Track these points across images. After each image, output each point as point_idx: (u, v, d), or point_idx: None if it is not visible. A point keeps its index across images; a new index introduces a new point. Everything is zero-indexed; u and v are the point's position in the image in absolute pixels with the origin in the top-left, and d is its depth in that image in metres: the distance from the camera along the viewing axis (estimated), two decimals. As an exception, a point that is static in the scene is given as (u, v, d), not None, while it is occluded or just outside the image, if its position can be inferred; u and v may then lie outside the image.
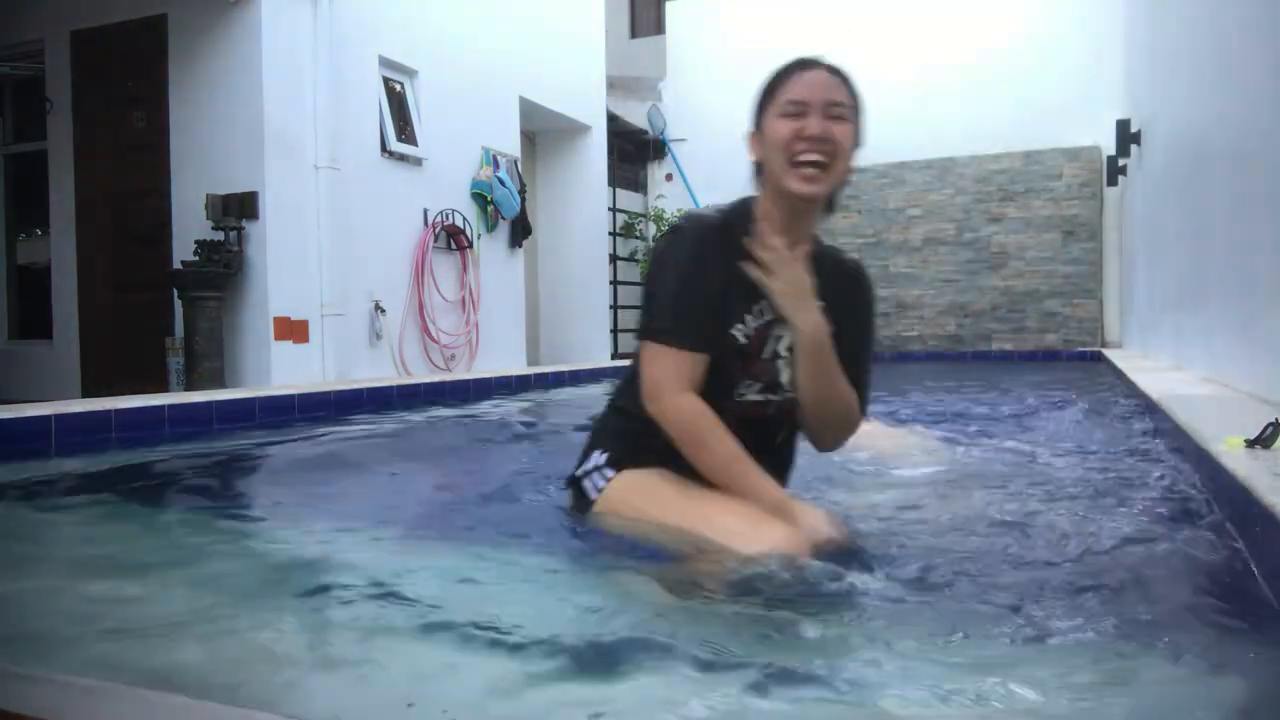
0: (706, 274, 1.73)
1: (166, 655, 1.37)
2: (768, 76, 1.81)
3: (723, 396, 1.74)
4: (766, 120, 1.76)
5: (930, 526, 2.15)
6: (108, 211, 6.43)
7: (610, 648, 1.32)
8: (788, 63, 1.80)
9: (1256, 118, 3.59)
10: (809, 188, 1.70)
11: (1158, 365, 6.36)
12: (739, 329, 1.77)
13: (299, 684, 1.28)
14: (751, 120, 1.80)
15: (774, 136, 1.72)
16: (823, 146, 1.69)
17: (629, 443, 1.85)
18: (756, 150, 1.79)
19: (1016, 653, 1.34)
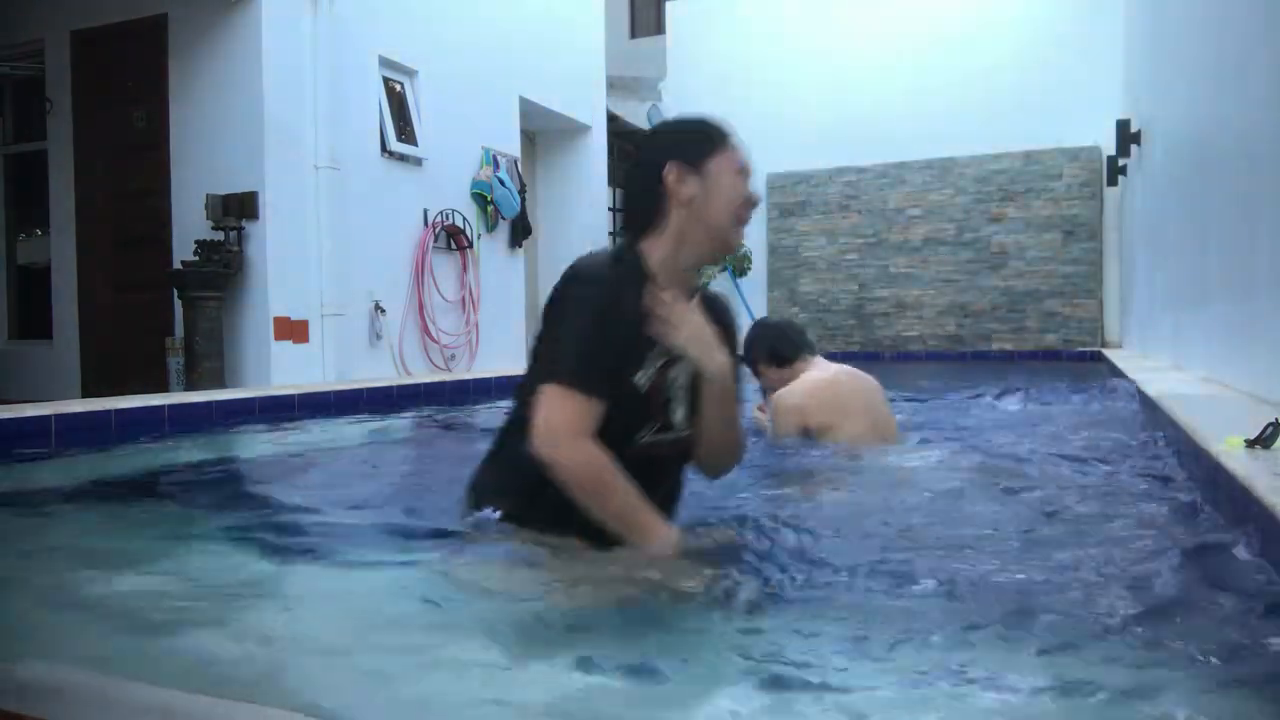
0: (611, 321, 1.66)
1: (165, 655, 1.37)
2: (700, 124, 1.79)
3: (623, 442, 1.69)
4: (717, 169, 1.75)
5: (926, 526, 2.15)
6: (108, 211, 6.43)
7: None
8: (719, 122, 1.81)
9: (1256, 118, 3.59)
10: (740, 244, 1.84)
11: (1158, 365, 6.36)
12: (641, 375, 1.73)
13: (298, 680, 1.28)
14: (682, 156, 1.74)
15: (730, 191, 1.76)
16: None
17: (524, 499, 1.73)
18: (689, 189, 1.72)
19: (1012, 652, 1.34)
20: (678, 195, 1.72)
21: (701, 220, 1.74)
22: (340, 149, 6.52)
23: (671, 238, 1.75)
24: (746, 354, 3.41)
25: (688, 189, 1.72)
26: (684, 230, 1.74)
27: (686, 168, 1.73)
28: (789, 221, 12.15)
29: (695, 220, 1.74)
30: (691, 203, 1.72)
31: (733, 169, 1.77)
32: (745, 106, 12.24)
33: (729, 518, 2.10)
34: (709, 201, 1.73)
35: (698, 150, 1.75)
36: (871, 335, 11.73)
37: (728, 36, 12.54)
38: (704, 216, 1.74)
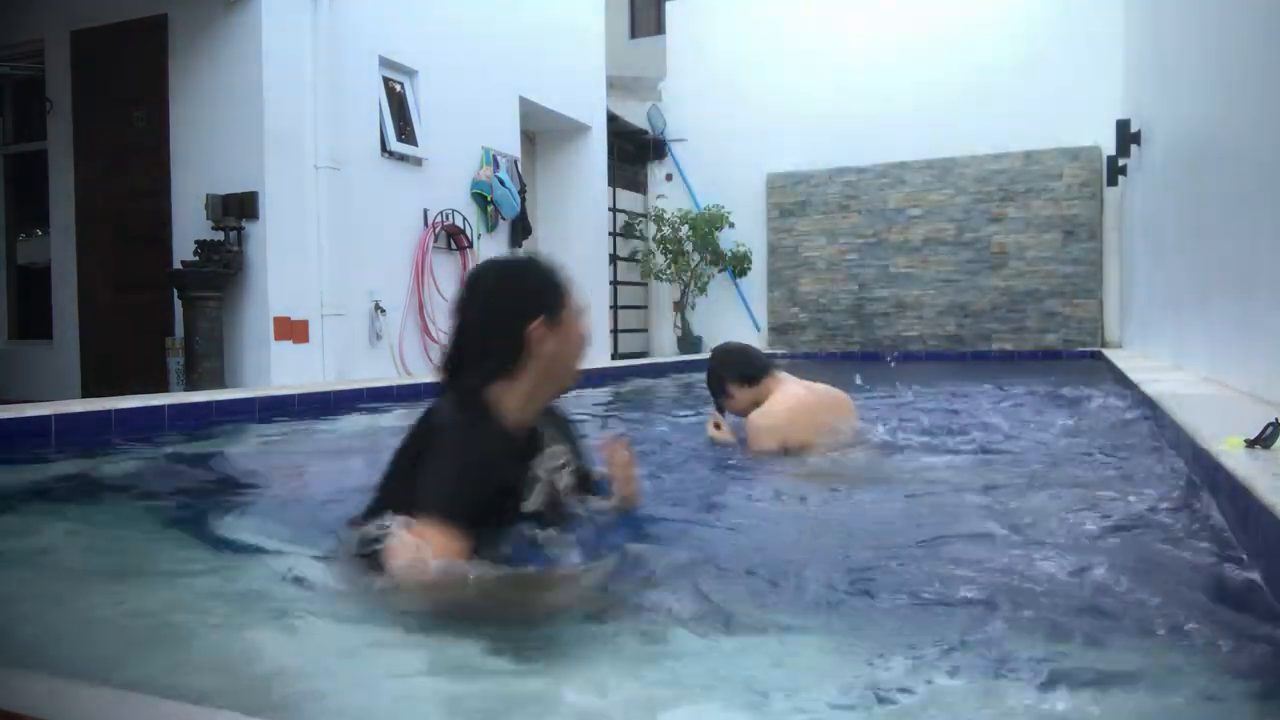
0: (477, 480, 1.66)
1: (165, 655, 1.37)
2: (548, 273, 1.82)
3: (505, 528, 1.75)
4: (569, 318, 1.79)
5: (925, 526, 2.15)
6: (108, 211, 6.43)
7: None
8: (556, 266, 1.85)
9: (1256, 118, 3.59)
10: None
11: (1158, 365, 6.36)
12: (529, 503, 1.76)
13: (297, 689, 1.27)
14: (543, 311, 1.74)
15: (579, 337, 1.82)
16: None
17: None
18: (552, 342, 1.75)
19: (1009, 652, 1.34)
20: (539, 351, 1.73)
21: (557, 368, 1.78)
22: (340, 149, 6.52)
23: (526, 387, 1.76)
24: (712, 381, 3.51)
25: (550, 345, 1.74)
26: (538, 379, 1.76)
27: (548, 323, 1.74)
28: (789, 221, 12.15)
29: (551, 369, 1.77)
30: (551, 356, 1.75)
31: (578, 314, 1.82)
32: (745, 106, 12.27)
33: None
34: (565, 351, 1.78)
35: (554, 303, 1.77)
36: (871, 335, 11.73)
37: (728, 36, 12.53)
38: (560, 365, 1.78)
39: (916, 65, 11.40)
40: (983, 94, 11.04)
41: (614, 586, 1.62)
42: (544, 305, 1.75)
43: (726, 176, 12.31)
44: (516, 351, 1.72)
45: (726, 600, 1.57)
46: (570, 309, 1.79)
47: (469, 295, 1.79)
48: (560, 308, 1.77)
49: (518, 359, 1.73)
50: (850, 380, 4.36)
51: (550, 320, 1.74)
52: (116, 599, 1.69)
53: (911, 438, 3.83)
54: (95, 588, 1.78)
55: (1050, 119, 10.81)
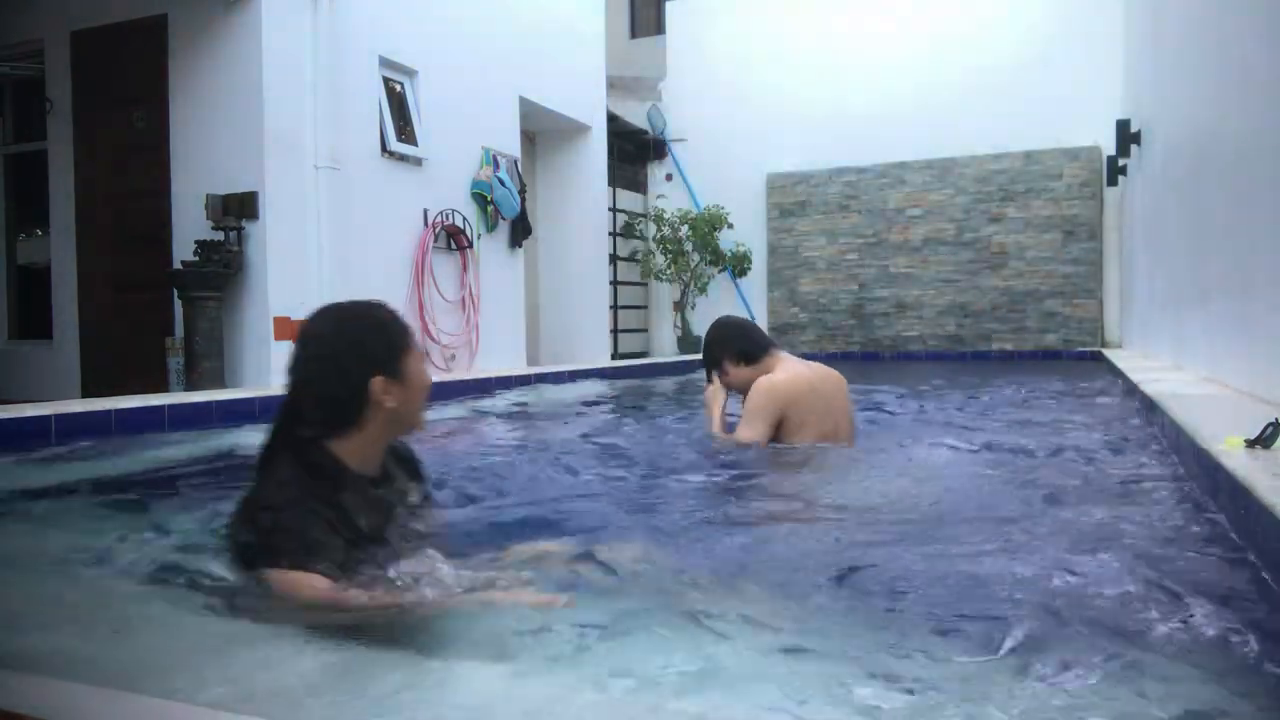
0: (333, 521, 1.66)
1: (164, 656, 1.37)
2: (387, 325, 1.80)
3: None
4: (411, 369, 1.78)
5: (924, 526, 2.15)
6: (108, 211, 6.43)
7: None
8: (395, 315, 1.84)
9: (1256, 118, 3.59)
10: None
11: (1158, 365, 6.36)
12: (381, 539, 1.75)
13: (295, 680, 1.27)
14: (384, 368, 1.73)
15: (423, 381, 1.81)
16: None
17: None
18: (395, 396, 1.73)
19: (1005, 652, 1.34)
20: (382, 405, 1.72)
21: (400, 419, 1.78)
22: (340, 149, 6.52)
23: (370, 437, 1.75)
24: (709, 355, 3.42)
25: (392, 399, 1.73)
26: (382, 430, 1.76)
27: (390, 380, 1.73)
28: (789, 221, 12.15)
29: (395, 420, 1.77)
30: (394, 408, 1.74)
31: (418, 362, 1.81)
32: (745, 106, 12.27)
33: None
34: (407, 402, 1.77)
35: (395, 355, 1.76)
36: (871, 335, 11.73)
37: (728, 36, 12.54)
38: (403, 415, 1.78)
39: (916, 65, 11.40)
40: (983, 94, 11.04)
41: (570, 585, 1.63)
42: (386, 361, 1.74)
43: (726, 176, 12.31)
44: (359, 407, 1.71)
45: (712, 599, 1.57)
46: (411, 359, 1.78)
47: (306, 349, 1.76)
48: (401, 360, 1.76)
49: (360, 414, 1.72)
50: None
51: (391, 374, 1.73)
52: (116, 600, 1.69)
53: (909, 431, 3.83)
54: (95, 589, 1.78)
55: (1050, 119, 10.82)
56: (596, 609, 1.56)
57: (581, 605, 1.58)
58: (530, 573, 1.75)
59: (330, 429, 1.72)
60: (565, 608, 1.55)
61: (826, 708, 1.17)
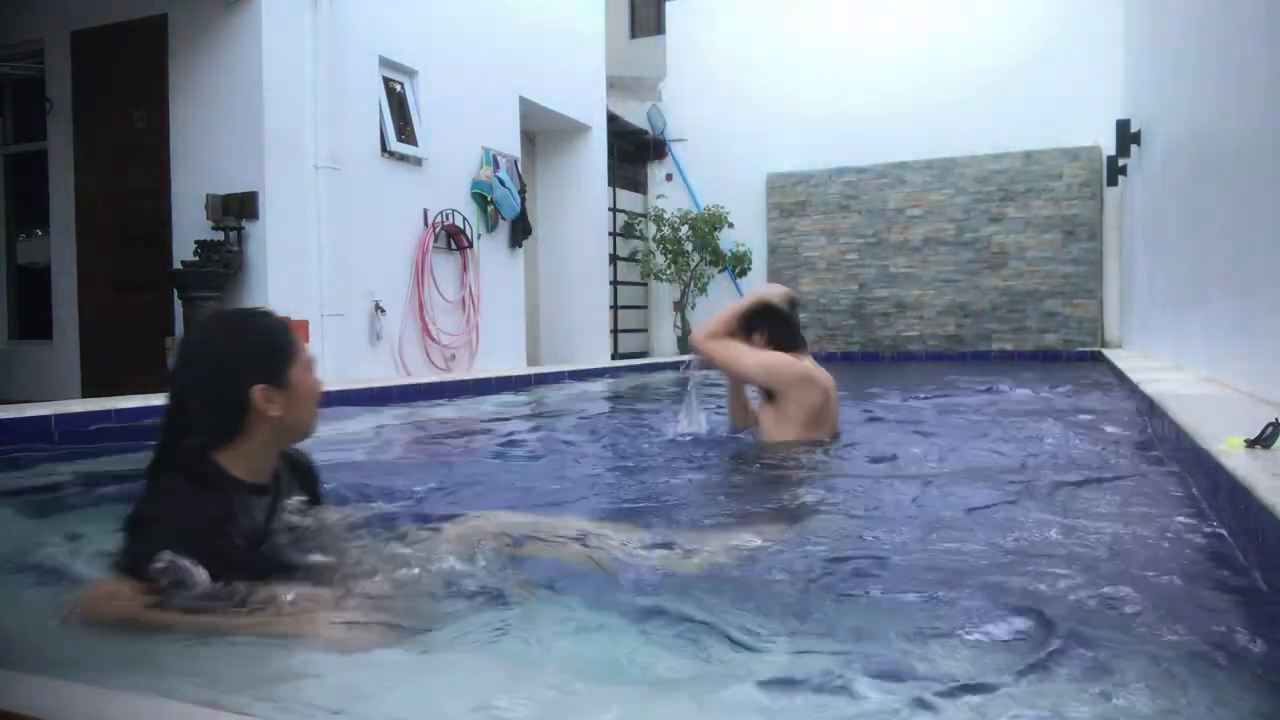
0: (213, 533, 1.63)
1: (163, 656, 1.37)
2: (272, 333, 1.76)
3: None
4: (298, 378, 1.74)
5: (925, 526, 2.15)
6: (108, 211, 6.43)
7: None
8: (270, 316, 1.80)
9: (1256, 118, 3.59)
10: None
11: (1158, 365, 6.36)
12: (267, 546, 1.75)
13: (291, 685, 1.28)
14: (267, 377, 1.70)
15: (310, 389, 1.77)
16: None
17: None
18: (279, 405, 1.71)
19: (1008, 653, 1.34)
20: (265, 414, 1.70)
21: (287, 427, 1.75)
22: (340, 149, 6.52)
23: (254, 446, 1.73)
24: (761, 314, 3.32)
25: (276, 408, 1.71)
26: (268, 439, 1.74)
27: (273, 389, 1.70)
28: (789, 221, 12.15)
29: (281, 428, 1.74)
30: (279, 417, 1.72)
31: (306, 370, 1.77)
32: (745, 106, 12.28)
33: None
34: (294, 410, 1.74)
35: (279, 365, 1.73)
36: (871, 335, 11.73)
37: (728, 36, 12.54)
38: (290, 423, 1.75)
39: (916, 65, 11.40)
40: (983, 94, 11.05)
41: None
42: (268, 371, 1.71)
43: (726, 176, 12.31)
44: (241, 415, 1.69)
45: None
46: (298, 367, 1.75)
47: (189, 356, 1.74)
48: (286, 368, 1.73)
49: (243, 422, 1.69)
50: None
51: (276, 383, 1.71)
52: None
53: (905, 434, 3.83)
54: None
55: (1050, 119, 10.82)
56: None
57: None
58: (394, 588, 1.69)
59: (214, 439, 1.69)
60: (375, 638, 1.48)
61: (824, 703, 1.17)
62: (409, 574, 1.73)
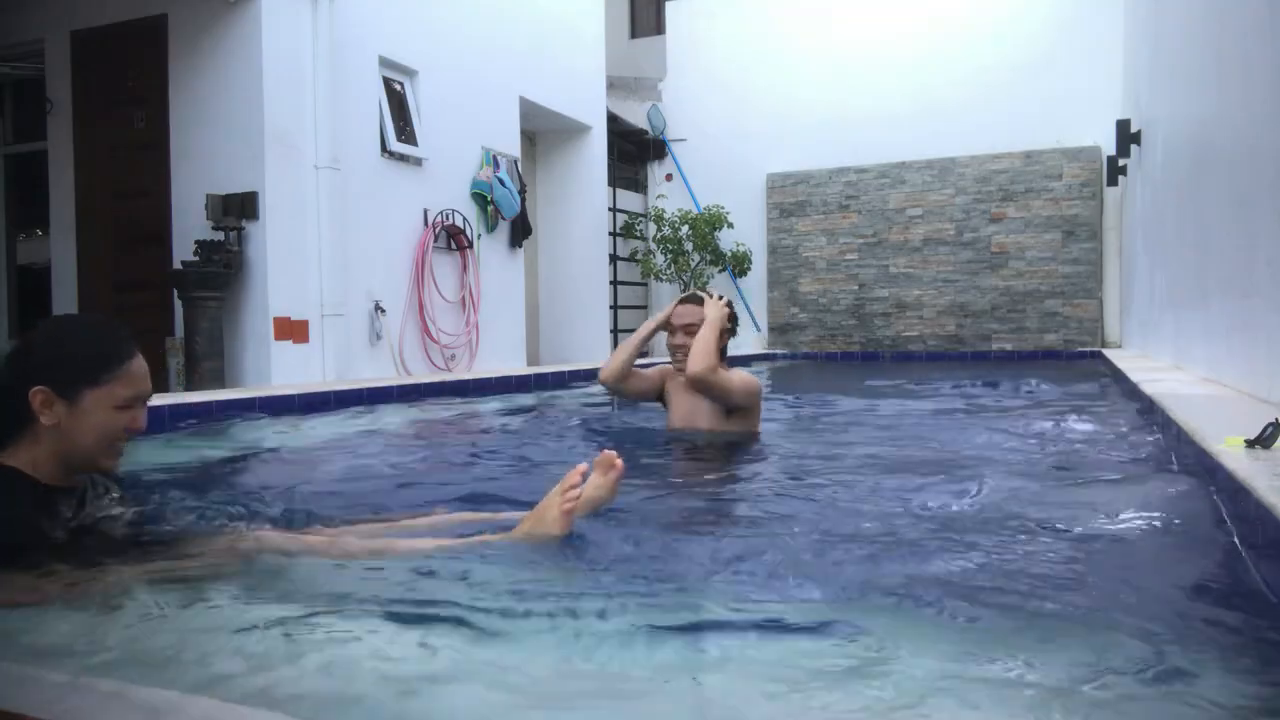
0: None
1: (162, 656, 1.37)
2: (87, 349, 1.73)
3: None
4: (89, 399, 1.71)
5: (925, 526, 2.15)
6: (108, 211, 6.43)
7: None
8: (116, 341, 1.76)
9: (1256, 118, 3.59)
10: (114, 466, 1.81)
11: (1158, 365, 6.36)
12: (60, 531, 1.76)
13: (290, 680, 1.28)
14: (52, 382, 1.68)
15: (103, 425, 1.73)
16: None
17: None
18: (53, 415, 1.69)
19: (1008, 654, 1.33)
20: (45, 419, 1.69)
21: (69, 445, 1.73)
22: (340, 149, 6.52)
23: (45, 450, 1.72)
24: (731, 328, 3.52)
25: (50, 417, 1.69)
26: (53, 448, 1.72)
27: (54, 396, 1.69)
28: (789, 221, 12.15)
29: (61, 443, 1.72)
30: (57, 427, 1.70)
31: (111, 403, 1.73)
32: (745, 106, 12.28)
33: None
34: (76, 432, 1.71)
35: (74, 377, 1.70)
36: (871, 335, 11.74)
37: (728, 36, 12.54)
38: (70, 443, 1.72)
39: (916, 65, 11.40)
40: (983, 94, 11.05)
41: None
42: (59, 377, 1.69)
43: (726, 176, 12.31)
44: (20, 415, 1.68)
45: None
46: (101, 393, 1.71)
47: (10, 349, 1.76)
48: (83, 385, 1.70)
49: (21, 423, 1.69)
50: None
51: (61, 393, 1.68)
52: (115, 600, 1.68)
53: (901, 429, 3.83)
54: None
55: (1050, 119, 10.82)
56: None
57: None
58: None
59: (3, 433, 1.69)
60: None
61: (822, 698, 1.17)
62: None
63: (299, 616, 1.46)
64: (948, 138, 11.23)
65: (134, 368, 1.77)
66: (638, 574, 1.75)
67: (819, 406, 5.58)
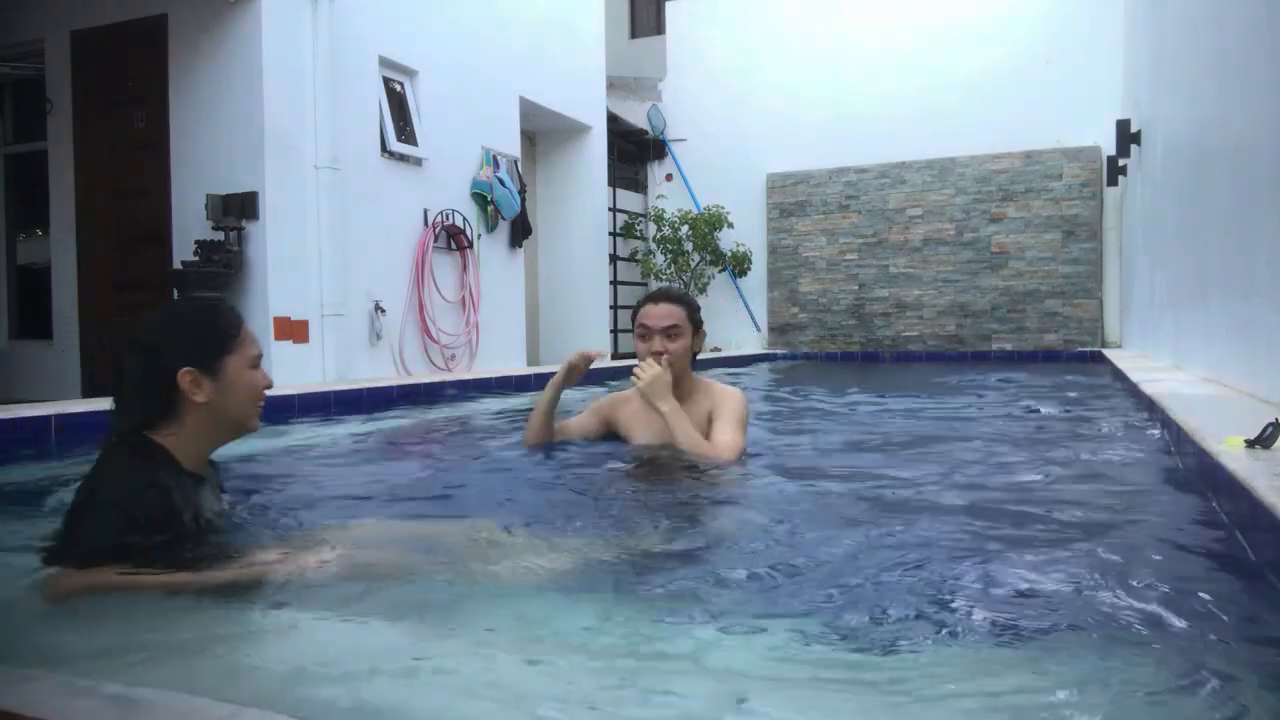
0: (150, 506, 1.70)
1: (163, 657, 1.37)
2: (212, 321, 1.82)
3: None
4: (234, 370, 1.81)
5: (927, 525, 2.15)
6: (108, 211, 6.43)
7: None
8: (227, 311, 1.87)
9: (1256, 118, 3.59)
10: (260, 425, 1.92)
11: (1158, 365, 6.36)
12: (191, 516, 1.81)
13: (292, 679, 1.28)
14: (196, 362, 1.76)
15: (247, 388, 1.84)
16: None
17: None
18: (205, 392, 1.77)
19: (1008, 655, 1.34)
20: (192, 398, 1.76)
21: (221, 416, 1.81)
22: (340, 149, 6.52)
23: (190, 432, 1.79)
24: (694, 314, 3.08)
25: (202, 394, 1.77)
26: (202, 425, 1.80)
27: (201, 374, 1.76)
28: (789, 221, 12.15)
29: (213, 416, 1.80)
30: (209, 404, 1.78)
31: (247, 365, 1.84)
32: (745, 106, 12.28)
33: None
34: (227, 402, 1.80)
35: (212, 351, 1.79)
36: (871, 335, 11.74)
37: (728, 36, 12.54)
38: (223, 413, 1.81)
39: (916, 65, 11.41)
40: (983, 94, 11.05)
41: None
42: (199, 354, 1.77)
43: (726, 176, 12.31)
44: (169, 398, 1.75)
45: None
46: (234, 359, 1.81)
47: (131, 340, 1.80)
48: (220, 356, 1.79)
49: (173, 406, 1.76)
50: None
51: (205, 369, 1.76)
52: (115, 600, 1.69)
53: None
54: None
55: (1050, 119, 10.82)
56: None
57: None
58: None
59: (147, 420, 1.76)
60: (317, 569, 1.63)
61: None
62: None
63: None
64: (948, 138, 11.24)
65: (247, 328, 1.89)
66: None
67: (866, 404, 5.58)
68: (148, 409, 1.76)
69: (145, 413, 1.76)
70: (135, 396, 1.77)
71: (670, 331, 2.93)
